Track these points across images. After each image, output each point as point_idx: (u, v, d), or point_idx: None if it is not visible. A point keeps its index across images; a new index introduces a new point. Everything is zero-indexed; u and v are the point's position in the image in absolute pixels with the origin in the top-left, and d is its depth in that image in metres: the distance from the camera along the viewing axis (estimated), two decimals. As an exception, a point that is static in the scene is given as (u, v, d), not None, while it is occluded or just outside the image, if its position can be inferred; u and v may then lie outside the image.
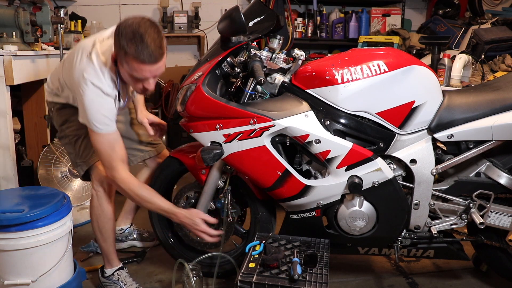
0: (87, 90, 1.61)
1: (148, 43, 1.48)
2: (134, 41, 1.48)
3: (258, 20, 1.79)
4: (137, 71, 1.55)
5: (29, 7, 2.50)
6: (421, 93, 1.66)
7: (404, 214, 1.74)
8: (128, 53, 1.50)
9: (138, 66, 1.53)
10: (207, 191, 1.91)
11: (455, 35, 3.65)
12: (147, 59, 1.51)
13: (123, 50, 1.51)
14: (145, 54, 1.49)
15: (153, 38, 1.50)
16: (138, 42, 1.48)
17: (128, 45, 1.49)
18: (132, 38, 1.48)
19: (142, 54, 1.49)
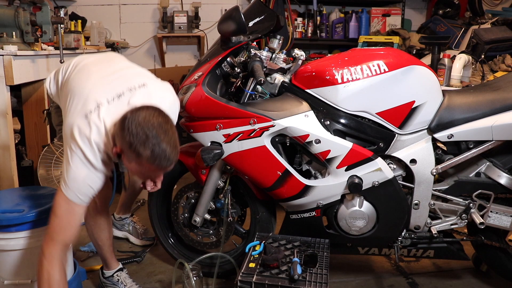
0: (76, 157, 1.40)
1: (164, 147, 1.34)
2: (148, 144, 1.33)
3: (258, 20, 1.79)
4: (151, 172, 1.43)
5: (29, 7, 2.50)
6: (421, 93, 1.66)
7: (404, 214, 1.74)
8: (142, 157, 1.35)
9: (152, 168, 1.39)
10: (207, 191, 1.92)
11: (455, 35, 3.65)
12: (165, 164, 1.37)
13: (134, 152, 1.35)
14: (163, 159, 1.35)
15: (169, 139, 1.36)
16: (154, 147, 1.33)
17: (141, 148, 1.33)
18: (146, 141, 1.33)
19: (159, 159, 1.35)
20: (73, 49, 3.19)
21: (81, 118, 1.42)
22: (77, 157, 1.40)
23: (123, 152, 1.39)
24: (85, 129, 1.40)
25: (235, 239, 2.13)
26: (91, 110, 1.42)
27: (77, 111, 1.43)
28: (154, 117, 1.36)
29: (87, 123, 1.41)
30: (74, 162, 1.40)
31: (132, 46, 4.52)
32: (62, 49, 2.61)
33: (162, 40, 4.35)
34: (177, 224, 2.05)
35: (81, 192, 1.43)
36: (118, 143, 1.39)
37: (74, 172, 1.41)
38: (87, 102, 1.44)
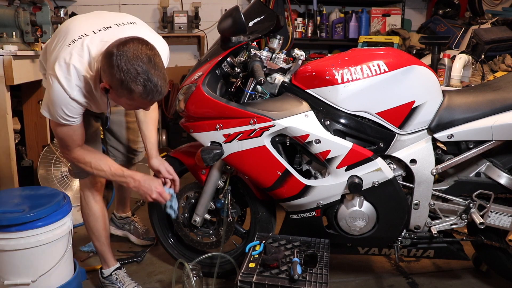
0: (54, 86, 1.45)
1: (156, 81, 1.35)
2: (140, 80, 1.34)
3: (258, 20, 1.79)
4: (142, 105, 1.45)
5: (29, 7, 2.50)
6: (421, 93, 1.66)
7: (404, 214, 1.74)
8: (135, 92, 1.36)
9: (144, 102, 1.42)
10: (207, 191, 1.92)
11: (455, 35, 3.65)
12: (156, 98, 1.40)
13: (126, 89, 1.36)
14: (155, 93, 1.38)
15: (159, 72, 1.37)
16: (146, 82, 1.34)
17: (133, 85, 1.34)
18: (137, 77, 1.33)
19: (152, 94, 1.37)
20: (73, 49, 3.19)
21: (64, 48, 1.45)
22: (53, 84, 1.44)
23: (111, 88, 1.39)
24: (65, 56, 1.43)
25: (235, 239, 2.13)
26: (74, 39, 1.46)
27: (62, 44, 1.47)
28: (142, 51, 1.34)
29: (69, 51, 1.44)
30: (51, 88, 1.45)
31: (132, 46, 4.51)
32: (62, 49, 2.61)
33: (162, 40, 4.35)
34: (177, 224, 2.05)
35: (59, 115, 1.50)
36: (106, 79, 1.39)
37: (49, 96, 1.47)
38: (70, 34, 1.49)
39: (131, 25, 1.59)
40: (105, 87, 1.41)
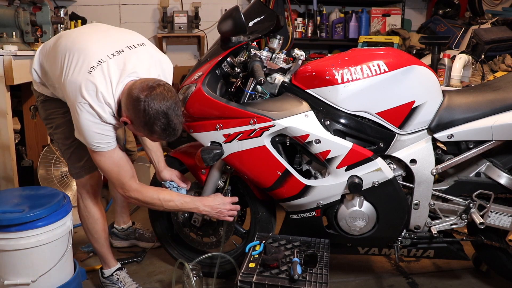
0: (84, 113, 1.50)
1: (174, 125, 1.48)
2: (162, 125, 1.47)
3: (258, 20, 1.79)
4: (158, 140, 1.60)
5: (29, 7, 2.50)
6: (421, 93, 1.66)
7: (404, 214, 1.74)
8: (155, 132, 1.49)
9: (160, 139, 1.56)
10: (207, 191, 1.91)
11: (455, 35, 3.65)
12: (173, 137, 1.52)
13: (147, 130, 1.49)
14: (172, 135, 1.50)
15: (178, 117, 1.49)
16: (166, 126, 1.47)
17: (156, 127, 1.47)
18: (160, 122, 1.46)
19: (169, 135, 1.50)
20: (73, 49, 3.19)
21: (85, 74, 1.49)
22: (85, 112, 1.49)
23: (132, 123, 1.50)
24: (90, 85, 1.48)
25: (235, 239, 2.13)
26: (93, 66, 1.50)
27: (79, 69, 1.50)
28: (167, 99, 1.46)
29: (93, 79, 1.49)
30: (83, 116, 1.49)
31: (132, 46, 4.50)
32: (62, 49, 2.60)
33: (162, 40, 4.35)
34: (177, 224, 2.04)
35: (100, 141, 1.55)
36: (129, 116, 1.49)
37: (85, 126, 1.51)
38: (88, 59, 1.52)
39: (141, 47, 1.64)
40: (125, 121, 1.51)
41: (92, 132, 1.52)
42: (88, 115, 1.49)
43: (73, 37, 1.62)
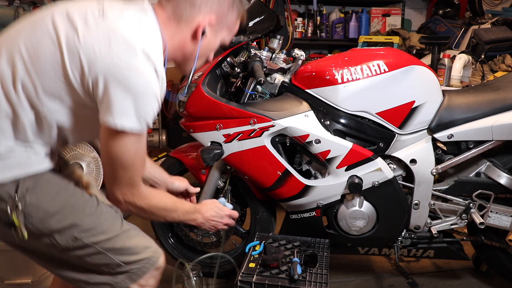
0: (141, 64, 1.00)
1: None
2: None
3: (258, 20, 1.79)
4: (234, 29, 1.22)
5: (29, 7, 2.50)
6: (421, 93, 1.66)
7: (404, 214, 1.74)
8: (238, 13, 1.18)
9: (237, 23, 1.21)
10: (207, 191, 1.91)
11: (455, 35, 3.65)
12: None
13: (233, 10, 1.16)
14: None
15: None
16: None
17: (235, 5, 1.16)
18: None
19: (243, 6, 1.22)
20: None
21: (132, 14, 1.06)
22: (140, 61, 1.01)
23: (218, 18, 1.14)
24: (138, 18, 1.07)
25: (235, 239, 2.13)
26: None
27: (112, 11, 1.05)
28: None
29: (142, 12, 1.09)
30: (141, 71, 1.01)
31: (132, 46, 4.50)
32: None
33: (162, 40, 4.34)
34: (177, 224, 2.04)
35: (150, 115, 1.05)
36: (209, 11, 1.12)
37: (145, 86, 1.01)
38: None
39: None
40: (203, 29, 1.12)
41: (148, 100, 1.02)
42: (145, 67, 1.02)
43: None
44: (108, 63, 1.00)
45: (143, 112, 1.03)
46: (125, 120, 1.02)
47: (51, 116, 1.07)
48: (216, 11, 1.13)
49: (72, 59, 1.01)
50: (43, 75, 1.03)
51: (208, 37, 1.16)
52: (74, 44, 1.01)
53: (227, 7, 1.15)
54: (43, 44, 1.03)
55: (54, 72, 1.03)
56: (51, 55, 1.03)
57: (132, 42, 1.01)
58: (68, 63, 1.02)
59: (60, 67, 1.03)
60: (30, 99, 1.05)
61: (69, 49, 1.01)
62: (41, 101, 1.05)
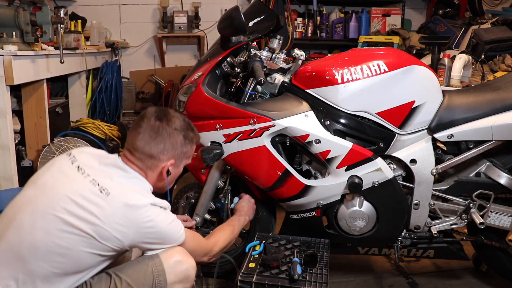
0: (156, 215, 1.28)
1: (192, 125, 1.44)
2: (188, 130, 1.39)
3: (258, 20, 1.79)
4: (192, 153, 1.46)
5: (29, 7, 2.50)
6: (421, 93, 1.66)
7: (404, 214, 1.74)
8: (193, 142, 1.42)
9: (193, 148, 1.45)
10: (207, 191, 1.91)
11: (455, 35, 3.65)
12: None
13: (186, 147, 1.39)
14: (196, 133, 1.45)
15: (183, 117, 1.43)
16: (194, 129, 1.43)
17: (189, 139, 1.39)
18: (185, 128, 1.38)
19: (198, 134, 1.46)
20: (73, 49, 3.19)
21: (129, 180, 1.32)
22: (155, 213, 1.28)
23: (175, 160, 1.38)
24: (133, 181, 1.32)
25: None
26: (121, 163, 1.35)
27: (118, 180, 1.29)
28: (170, 114, 1.39)
29: (132, 176, 1.33)
30: (158, 220, 1.29)
31: (132, 46, 4.51)
32: (62, 49, 2.61)
33: (162, 40, 4.35)
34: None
35: (181, 227, 1.37)
36: (167, 156, 1.36)
37: (168, 225, 1.32)
38: (114, 164, 1.33)
39: None
40: (168, 170, 1.38)
41: (174, 226, 1.34)
42: (159, 214, 1.29)
43: None
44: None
45: (177, 224, 1.35)
46: (178, 238, 1.36)
47: None
48: (173, 155, 1.37)
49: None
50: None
51: (172, 172, 1.41)
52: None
53: (181, 146, 1.38)
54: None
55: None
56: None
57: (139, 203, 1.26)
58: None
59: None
60: None
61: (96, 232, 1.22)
62: None
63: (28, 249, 1.20)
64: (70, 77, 3.71)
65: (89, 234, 1.21)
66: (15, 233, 1.21)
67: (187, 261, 1.35)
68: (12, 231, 1.22)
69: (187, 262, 1.35)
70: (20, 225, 1.22)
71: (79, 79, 3.75)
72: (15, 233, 1.21)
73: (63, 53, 2.63)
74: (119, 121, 4.01)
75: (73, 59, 3.27)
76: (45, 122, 2.85)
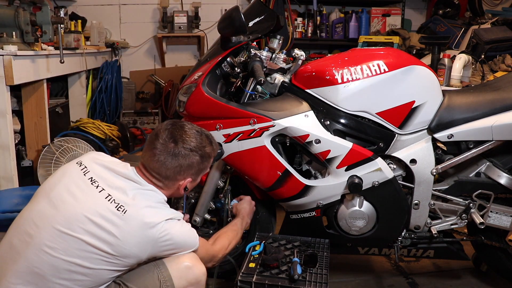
0: (171, 228, 1.32)
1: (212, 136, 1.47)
2: (205, 147, 1.41)
3: (258, 20, 1.79)
4: (208, 167, 1.49)
5: (29, 7, 2.49)
6: (421, 93, 1.66)
7: (404, 214, 1.74)
8: (211, 156, 1.44)
9: (210, 162, 1.47)
10: (207, 191, 1.91)
11: (455, 35, 3.65)
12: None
13: (206, 160, 1.42)
14: (215, 144, 1.48)
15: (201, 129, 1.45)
16: (212, 140, 1.44)
17: (206, 156, 1.41)
18: (202, 147, 1.40)
19: (216, 145, 1.48)
20: (73, 49, 3.19)
21: (146, 198, 1.33)
22: (171, 226, 1.32)
23: (193, 178, 1.42)
24: (149, 198, 1.34)
25: (235, 239, 2.13)
26: (138, 183, 1.35)
27: (135, 200, 1.31)
28: (186, 126, 1.41)
29: (149, 192, 1.35)
30: (174, 233, 1.33)
31: (132, 46, 4.52)
32: (62, 49, 2.61)
33: (162, 40, 4.35)
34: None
35: (195, 235, 1.42)
36: (184, 177, 1.39)
37: (183, 236, 1.37)
38: (130, 185, 1.33)
39: None
40: (185, 187, 1.43)
41: (190, 233, 1.39)
42: (175, 226, 1.33)
43: None
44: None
45: (192, 233, 1.39)
46: (193, 246, 1.40)
47: None
48: (191, 174, 1.40)
49: None
50: None
51: (189, 187, 1.45)
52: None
53: (198, 165, 1.40)
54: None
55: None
56: None
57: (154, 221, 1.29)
58: None
59: None
60: None
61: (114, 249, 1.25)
62: None
63: (50, 269, 1.21)
64: (70, 77, 3.71)
65: (110, 254, 1.24)
66: (35, 253, 1.22)
67: (197, 266, 1.38)
68: (32, 250, 1.22)
69: (197, 267, 1.38)
70: (39, 244, 1.22)
71: (79, 79, 3.75)
72: (35, 252, 1.22)
73: (63, 53, 2.62)
74: (119, 121, 4.01)
75: (73, 59, 3.27)
76: (45, 122, 2.85)
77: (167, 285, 1.33)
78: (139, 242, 1.26)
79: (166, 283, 1.33)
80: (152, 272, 1.33)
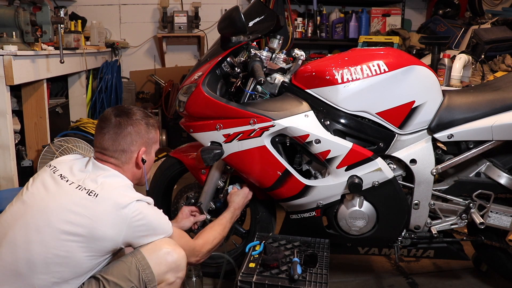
0: (144, 209, 1.32)
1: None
2: (148, 117, 1.46)
3: (258, 20, 1.79)
4: (158, 137, 1.53)
5: (29, 7, 2.49)
6: (421, 93, 1.66)
7: (404, 214, 1.74)
8: (155, 127, 1.48)
9: (158, 133, 1.52)
10: (207, 191, 1.91)
11: (455, 35, 3.65)
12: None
13: (151, 132, 1.45)
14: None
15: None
16: (149, 116, 1.48)
17: (151, 125, 1.46)
18: (145, 117, 1.45)
19: (155, 120, 1.51)
20: (73, 49, 3.19)
21: (114, 180, 1.36)
22: (141, 207, 1.33)
23: (146, 148, 1.45)
24: (117, 180, 1.37)
25: (235, 239, 2.13)
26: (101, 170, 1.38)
27: (107, 184, 1.34)
28: (129, 109, 1.46)
29: (117, 176, 1.39)
30: (146, 212, 1.34)
31: (132, 46, 4.52)
32: (62, 49, 2.61)
33: (162, 40, 4.35)
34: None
35: (167, 220, 1.43)
36: (137, 146, 1.42)
37: (155, 216, 1.37)
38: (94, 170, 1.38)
39: None
40: (142, 158, 1.44)
41: (161, 217, 1.39)
42: (146, 207, 1.34)
43: None
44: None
45: (164, 217, 1.40)
46: (168, 230, 1.40)
47: None
48: (142, 143, 1.43)
49: None
50: None
51: (147, 159, 1.46)
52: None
53: (146, 133, 1.44)
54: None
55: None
56: None
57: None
58: None
59: None
60: None
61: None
62: None
63: (26, 265, 1.22)
64: (70, 77, 3.71)
65: (84, 236, 1.24)
66: (9, 251, 1.23)
67: (175, 250, 1.37)
68: (5, 249, 1.23)
69: (176, 251, 1.37)
70: (13, 242, 1.24)
71: (79, 79, 3.75)
72: (9, 251, 1.23)
73: (63, 53, 2.62)
74: (119, 121, 4.00)
75: (73, 59, 3.27)
76: (45, 122, 2.85)
77: (146, 272, 1.32)
78: (113, 224, 1.27)
79: (145, 271, 1.31)
80: (129, 262, 1.32)
